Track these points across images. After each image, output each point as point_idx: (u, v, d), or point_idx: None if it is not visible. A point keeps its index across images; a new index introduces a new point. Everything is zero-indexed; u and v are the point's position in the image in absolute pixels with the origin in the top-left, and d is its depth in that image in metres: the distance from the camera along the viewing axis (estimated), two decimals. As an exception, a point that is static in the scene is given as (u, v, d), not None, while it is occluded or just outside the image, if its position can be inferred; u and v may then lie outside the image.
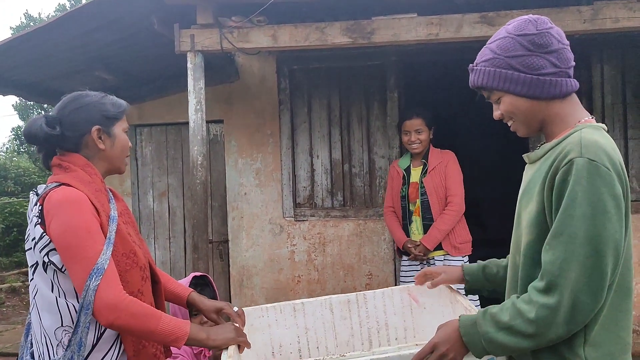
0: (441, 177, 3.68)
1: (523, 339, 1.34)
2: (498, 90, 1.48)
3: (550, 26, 1.46)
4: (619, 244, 1.31)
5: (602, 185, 1.29)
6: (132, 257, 1.71)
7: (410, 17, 3.56)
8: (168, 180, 5.14)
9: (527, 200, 1.47)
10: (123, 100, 1.88)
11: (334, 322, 2.04)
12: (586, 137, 1.35)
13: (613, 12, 3.40)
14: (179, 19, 3.68)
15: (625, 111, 4.50)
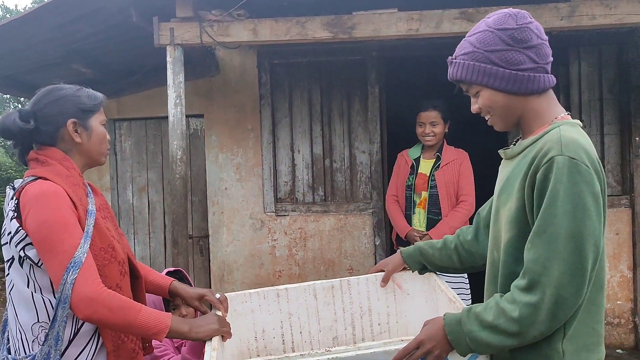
0: (454, 173, 3.62)
1: (507, 338, 1.35)
2: (477, 84, 1.48)
3: (530, 21, 1.46)
4: (598, 241, 1.32)
5: (582, 183, 1.31)
6: (110, 252, 1.70)
7: (390, 12, 3.57)
8: (148, 175, 5.09)
9: (506, 196, 1.47)
10: (100, 93, 1.86)
11: (318, 307, 2.05)
12: (565, 135, 1.36)
13: (590, 9, 3.45)
14: (159, 12, 3.64)
15: (601, 107, 4.57)
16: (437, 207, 3.60)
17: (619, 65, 4.53)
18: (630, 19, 3.46)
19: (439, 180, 3.61)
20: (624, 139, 4.54)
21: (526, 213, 1.40)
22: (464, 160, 3.67)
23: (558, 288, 1.30)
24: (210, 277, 4.92)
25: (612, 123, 4.59)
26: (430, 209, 3.61)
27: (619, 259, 4.50)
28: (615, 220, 4.48)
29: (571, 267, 1.30)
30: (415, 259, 1.95)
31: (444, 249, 1.89)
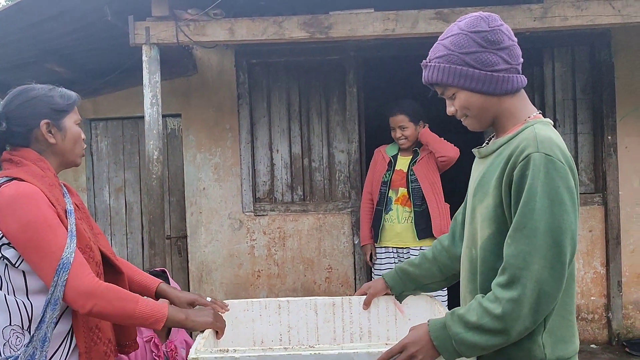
0: (431, 163, 3.68)
1: (493, 336, 1.36)
2: (453, 87, 1.51)
3: (500, 23, 1.50)
4: (574, 235, 1.36)
5: (558, 179, 1.34)
6: (88, 252, 1.69)
7: (367, 12, 3.59)
8: (125, 176, 5.04)
9: (482, 194, 1.49)
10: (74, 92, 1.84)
11: (317, 323, 2.05)
12: (540, 133, 1.40)
13: (562, 10, 3.51)
14: (134, 11, 3.61)
15: (575, 107, 4.66)
16: (421, 199, 3.64)
17: (592, 66, 4.62)
18: (600, 20, 3.52)
19: (419, 174, 3.66)
20: (596, 138, 4.63)
21: (504, 210, 1.43)
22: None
23: (539, 282, 1.33)
24: (189, 278, 4.89)
25: (585, 122, 4.68)
26: (415, 202, 3.65)
27: (592, 256, 4.59)
28: (589, 218, 4.56)
29: (551, 260, 1.33)
30: (397, 281, 1.96)
31: (423, 263, 1.90)
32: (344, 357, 1.46)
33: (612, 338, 4.55)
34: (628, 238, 4.57)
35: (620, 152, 4.55)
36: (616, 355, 4.36)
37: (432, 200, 3.64)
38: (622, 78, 4.54)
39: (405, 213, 3.70)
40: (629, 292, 4.58)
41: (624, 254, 4.56)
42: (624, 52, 4.54)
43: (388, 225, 3.74)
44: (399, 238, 3.72)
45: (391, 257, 3.77)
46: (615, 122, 4.54)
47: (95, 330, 1.71)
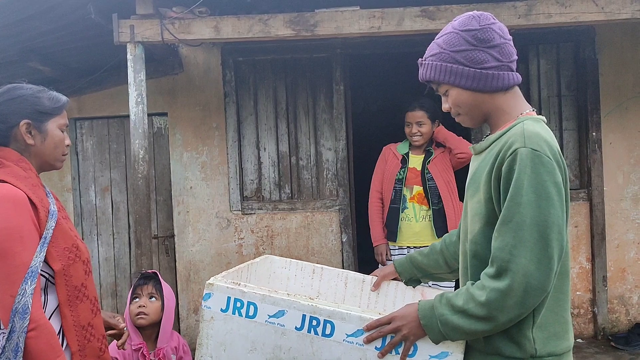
0: (445, 161, 3.68)
1: (476, 322, 1.39)
2: (445, 84, 1.54)
3: (492, 22, 1.52)
4: (562, 229, 1.37)
5: (545, 174, 1.36)
6: (74, 251, 1.68)
7: (352, 9, 3.59)
8: (111, 175, 5.00)
9: (473, 190, 1.52)
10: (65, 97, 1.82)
11: (345, 295, 2.13)
12: (528, 129, 1.42)
13: (546, 8, 3.53)
14: (118, 9, 3.58)
15: (560, 104, 4.69)
16: (437, 197, 3.63)
17: (576, 63, 4.65)
18: (584, 17, 3.55)
19: (434, 173, 3.64)
20: (581, 135, 4.67)
21: (493, 204, 1.45)
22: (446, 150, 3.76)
23: (526, 275, 1.34)
24: (177, 277, 4.87)
25: (570, 119, 4.71)
26: (432, 200, 3.62)
27: (578, 251, 4.63)
28: (574, 214, 4.60)
29: (537, 254, 1.34)
30: (406, 267, 2.03)
31: (431, 254, 1.96)
32: (337, 315, 1.56)
33: (598, 332, 4.60)
34: (613, 233, 4.61)
35: (604, 148, 4.59)
36: (602, 350, 4.40)
37: (448, 199, 3.62)
38: (606, 75, 4.59)
39: (422, 211, 3.66)
40: (614, 286, 4.63)
41: (609, 249, 4.61)
42: (608, 49, 4.58)
43: (405, 224, 3.67)
44: (416, 237, 3.66)
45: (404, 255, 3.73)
46: (600, 118, 4.58)
47: (88, 328, 1.70)
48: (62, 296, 1.66)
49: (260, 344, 1.65)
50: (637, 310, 4.65)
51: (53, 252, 1.63)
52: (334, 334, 1.57)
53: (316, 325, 1.59)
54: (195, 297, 4.83)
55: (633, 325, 4.59)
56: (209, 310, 1.70)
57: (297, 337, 1.60)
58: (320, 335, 1.58)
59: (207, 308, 1.70)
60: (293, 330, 1.61)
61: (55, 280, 1.65)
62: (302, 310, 1.60)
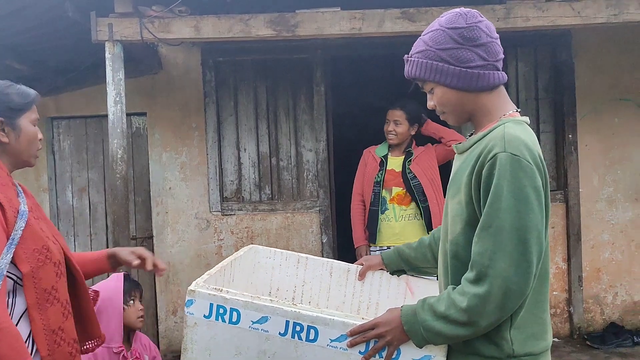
0: (428, 159, 3.71)
1: (458, 327, 1.40)
2: (430, 82, 1.53)
3: (480, 20, 1.50)
4: (541, 233, 1.38)
5: (524, 178, 1.36)
6: (45, 253, 1.64)
7: (334, 11, 3.60)
8: (88, 175, 4.94)
9: (454, 190, 1.53)
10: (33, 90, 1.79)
11: (330, 284, 2.15)
12: (509, 132, 1.42)
13: (524, 11, 3.58)
14: (96, 7, 3.53)
15: (537, 106, 4.77)
16: (423, 195, 3.66)
17: (553, 66, 4.73)
18: (561, 21, 3.61)
19: (417, 172, 3.66)
20: (558, 137, 4.75)
21: (474, 207, 1.45)
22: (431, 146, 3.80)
23: (505, 280, 1.35)
24: (155, 278, 4.82)
25: (547, 121, 4.79)
26: (419, 198, 3.65)
27: (554, 252, 4.70)
28: (551, 215, 4.62)
29: (516, 259, 1.35)
30: (393, 259, 2.05)
31: (419, 247, 1.97)
32: (320, 321, 1.56)
33: (574, 331, 4.67)
34: (588, 234, 4.69)
35: (580, 150, 4.67)
36: (577, 349, 4.48)
37: (432, 197, 3.65)
38: (582, 78, 4.67)
39: (403, 212, 3.69)
40: (589, 286, 4.71)
41: (584, 250, 4.69)
42: (584, 53, 4.67)
43: (385, 225, 3.70)
44: (396, 237, 3.68)
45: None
46: (576, 121, 4.66)
47: (58, 332, 1.67)
48: (31, 299, 1.61)
49: (244, 349, 1.64)
50: (612, 310, 4.74)
51: (21, 254, 1.59)
52: (318, 339, 1.57)
53: (300, 330, 1.59)
54: (174, 298, 4.79)
55: (608, 324, 4.68)
56: (192, 317, 1.68)
57: (282, 342, 1.60)
58: (305, 341, 1.58)
59: (190, 314, 1.69)
60: (277, 335, 1.61)
61: (23, 282, 1.60)
62: (285, 316, 1.59)
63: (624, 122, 4.69)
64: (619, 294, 4.74)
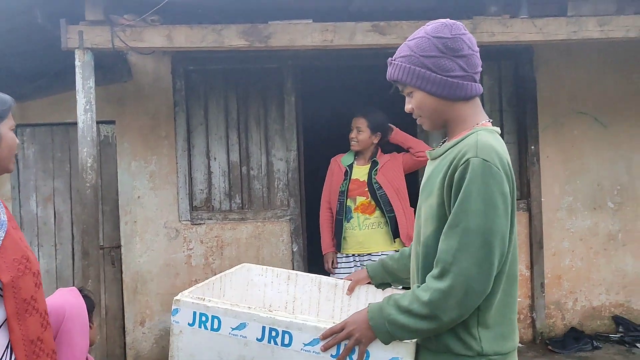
0: (394, 169, 3.78)
1: (420, 320, 1.46)
2: (411, 86, 1.59)
3: (463, 32, 1.57)
4: (505, 237, 1.45)
5: (493, 184, 1.43)
6: (24, 263, 1.63)
7: (306, 22, 3.65)
8: (54, 184, 4.84)
9: (427, 194, 1.58)
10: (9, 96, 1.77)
11: (320, 300, 2.23)
12: (481, 140, 1.49)
13: (490, 27, 3.71)
14: (66, 14, 3.50)
15: (502, 118, 4.92)
16: (389, 204, 3.72)
17: (516, 80, 4.90)
18: (524, 37, 3.75)
19: (382, 182, 3.74)
20: (521, 148, 4.90)
21: (445, 209, 1.51)
22: (398, 155, 3.88)
23: (467, 278, 1.42)
24: (123, 289, 4.76)
25: (511, 133, 4.94)
26: (385, 207, 3.71)
27: (518, 259, 4.83)
28: (515, 223, 4.80)
29: (479, 259, 1.42)
30: (378, 272, 2.09)
31: (401, 258, 2.01)
32: (294, 325, 1.64)
33: (536, 337, 4.81)
34: (550, 242, 4.86)
35: (542, 161, 4.84)
36: (539, 353, 4.61)
37: (398, 206, 3.73)
38: (543, 91, 4.85)
39: (367, 221, 3.75)
40: (551, 293, 4.87)
41: (546, 257, 4.84)
42: (545, 68, 4.85)
43: (350, 233, 3.78)
44: (360, 245, 3.77)
45: (351, 263, 3.82)
46: (538, 133, 4.83)
47: (37, 343, 1.66)
48: (11, 309, 1.60)
49: (226, 354, 1.73)
50: (572, 315, 4.90)
51: (2, 264, 1.57)
52: (292, 344, 1.64)
53: (275, 335, 1.66)
54: (143, 309, 4.73)
55: (568, 329, 4.84)
56: (178, 325, 1.79)
57: (259, 347, 1.68)
58: (280, 345, 1.66)
59: (176, 322, 1.79)
60: (255, 341, 1.69)
61: (3, 292, 1.59)
62: (262, 322, 1.68)
63: (582, 135, 4.88)
64: (578, 300, 4.91)
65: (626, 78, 4.89)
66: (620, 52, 4.78)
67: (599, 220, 4.90)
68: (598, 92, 4.88)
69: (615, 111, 4.88)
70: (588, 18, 3.75)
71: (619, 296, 4.92)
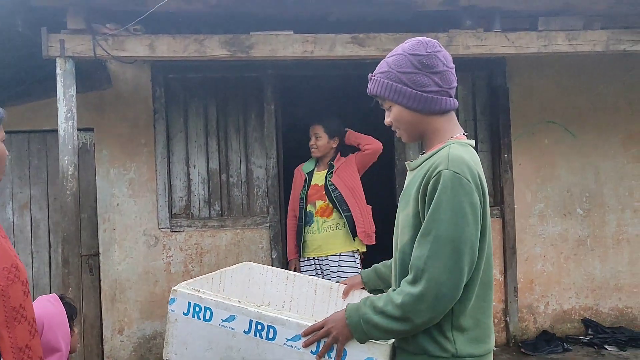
0: (347, 169, 3.89)
1: (393, 321, 1.54)
2: (388, 100, 1.68)
3: (439, 50, 1.66)
4: (474, 245, 1.54)
5: (462, 194, 1.52)
6: (13, 272, 1.64)
7: (287, 34, 3.72)
8: (30, 192, 4.80)
9: (404, 203, 1.67)
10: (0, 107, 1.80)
11: (315, 301, 2.33)
12: (453, 153, 1.57)
13: (465, 40, 3.84)
14: (47, 22, 3.50)
15: (476, 127, 5.06)
16: (345, 204, 3.84)
17: (490, 90, 5.05)
18: (498, 49, 3.89)
19: (337, 183, 3.86)
20: (494, 156, 5.05)
21: (420, 219, 1.59)
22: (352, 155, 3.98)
23: (437, 284, 1.50)
24: (101, 297, 4.73)
25: (484, 141, 5.09)
26: (342, 208, 3.83)
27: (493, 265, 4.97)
28: (489, 229, 4.94)
29: (449, 266, 1.50)
30: (371, 278, 2.18)
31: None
32: (278, 321, 1.74)
33: (510, 340, 4.94)
34: (522, 247, 5.00)
35: (515, 169, 4.99)
36: (513, 356, 4.74)
37: (354, 205, 3.85)
38: (516, 102, 5.01)
39: (325, 224, 3.88)
40: (524, 297, 5.02)
41: (519, 262, 4.99)
42: (517, 79, 5.01)
43: (310, 237, 3.92)
44: (319, 249, 3.90)
45: (312, 266, 3.94)
46: (510, 141, 4.98)
47: (25, 350, 1.67)
48: (0, 317, 1.63)
49: (215, 344, 1.83)
50: (544, 318, 5.06)
51: None
52: (276, 338, 1.74)
53: (261, 329, 1.76)
54: (121, 316, 4.71)
55: (540, 332, 4.99)
56: (174, 313, 1.90)
57: (246, 339, 1.79)
58: (265, 339, 1.76)
59: (172, 311, 1.90)
60: (242, 333, 1.79)
61: None
62: (249, 315, 1.78)
63: (552, 143, 5.05)
64: (550, 304, 5.06)
65: (593, 90, 5.08)
66: (588, 65, 4.97)
67: (568, 226, 5.07)
68: (567, 103, 5.06)
69: (583, 121, 5.07)
70: (557, 33, 3.91)
71: (588, 299, 5.09)
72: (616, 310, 5.10)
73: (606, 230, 5.10)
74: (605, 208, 5.10)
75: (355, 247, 3.87)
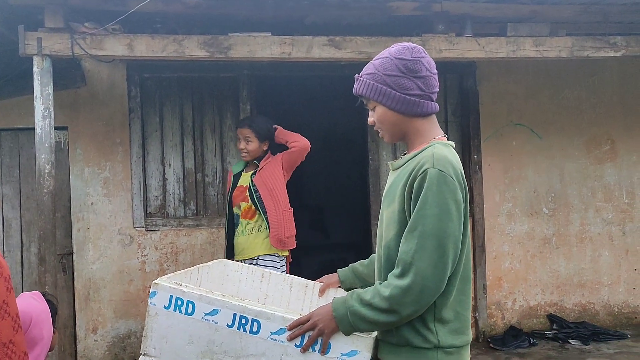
0: (271, 170, 3.80)
1: (380, 313, 1.62)
2: (373, 101, 1.76)
3: (423, 55, 1.75)
4: (457, 240, 1.63)
5: (447, 192, 1.61)
6: None
7: (265, 35, 3.78)
8: (2, 191, 4.73)
9: (389, 201, 1.75)
10: None
11: (290, 298, 2.34)
12: (438, 152, 1.66)
13: (438, 44, 3.96)
14: (25, 20, 3.48)
15: (447, 128, 5.20)
16: (264, 206, 3.73)
17: (460, 92, 5.20)
18: (469, 54, 4.03)
19: (258, 183, 3.76)
20: (465, 157, 5.20)
21: (405, 215, 1.68)
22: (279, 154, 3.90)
23: (423, 277, 1.58)
24: (75, 296, 4.70)
25: (455, 142, 5.12)
26: (261, 209, 3.73)
27: (463, 262, 5.12)
28: (459, 228, 5.09)
29: (434, 260, 1.59)
30: (347, 276, 2.21)
31: (370, 264, 2.14)
32: (263, 315, 1.77)
33: (479, 335, 5.10)
34: (491, 246, 5.17)
35: (484, 169, 5.15)
36: (482, 351, 4.90)
37: (270, 207, 3.73)
38: (486, 104, 5.17)
39: (248, 226, 3.79)
40: (492, 294, 5.18)
41: (488, 260, 5.15)
42: (487, 82, 5.18)
43: (235, 240, 3.85)
44: (243, 251, 3.80)
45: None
46: (480, 142, 5.14)
47: (9, 345, 1.69)
48: None
49: (196, 338, 1.84)
50: (511, 314, 5.23)
51: None
52: (260, 332, 1.77)
53: (245, 323, 1.78)
54: (95, 316, 4.69)
55: (508, 327, 5.16)
56: (154, 307, 1.88)
57: (229, 333, 1.80)
58: (248, 332, 1.78)
59: (153, 305, 1.89)
60: (225, 327, 1.80)
61: None
62: (233, 309, 1.79)
63: (520, 145, 5.23)
64: (517, 300, 5.24)
65: (558, 93, 5.28)
66: (553, 69, 5.17)
67: (535, 225, 5.25)
68: (534, 106, 5.25)
69: (549, 124, 5.26)
70: (525, 39, 4.07)
71: (553, 296, 5.28)
72: (579, 306, 5.31)
73: (570, 229, 5.30)
74: (569, 208, 5.30)
75: (275, 250, 3.73)
